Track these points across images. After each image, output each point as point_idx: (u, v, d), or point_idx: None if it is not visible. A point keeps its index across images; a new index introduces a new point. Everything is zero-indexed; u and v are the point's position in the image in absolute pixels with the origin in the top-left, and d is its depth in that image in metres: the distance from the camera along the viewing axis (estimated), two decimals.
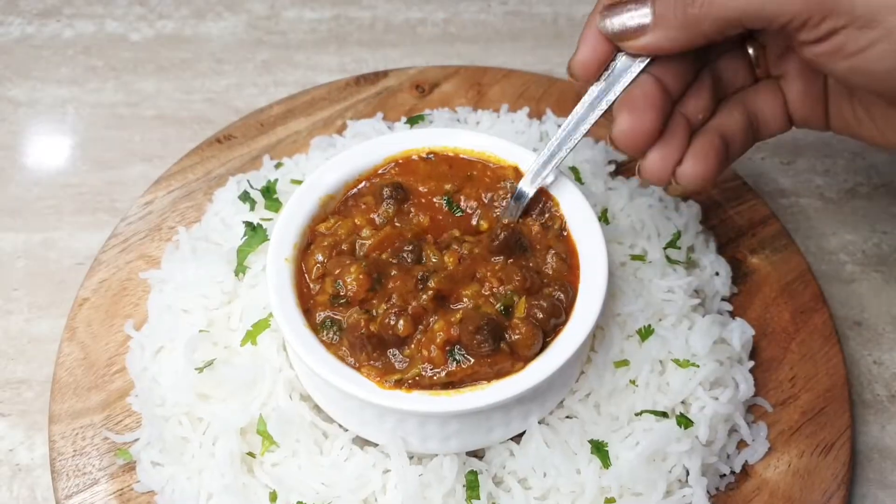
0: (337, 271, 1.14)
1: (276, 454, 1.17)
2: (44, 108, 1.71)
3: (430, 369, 1.08)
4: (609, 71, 1.10)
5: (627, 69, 1.09)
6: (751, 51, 1.15)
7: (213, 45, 1.81)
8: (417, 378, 1.08)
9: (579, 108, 1.14)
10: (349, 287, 1.12)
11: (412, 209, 1.23)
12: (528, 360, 1.09)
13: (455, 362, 1.08)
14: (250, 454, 1.17)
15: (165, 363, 1.26)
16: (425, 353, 1.08)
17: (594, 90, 1.11)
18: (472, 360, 1.08)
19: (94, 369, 1.31)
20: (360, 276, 1.12)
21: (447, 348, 1.08)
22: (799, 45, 1.00)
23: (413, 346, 1.09)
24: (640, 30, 1.04)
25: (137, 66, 1.77)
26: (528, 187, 1.20)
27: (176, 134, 1.66)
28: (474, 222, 1.23)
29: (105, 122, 1.69)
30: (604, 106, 1.11)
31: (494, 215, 1.22)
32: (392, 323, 1.08)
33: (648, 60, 1.08)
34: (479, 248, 1.17)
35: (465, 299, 1.12)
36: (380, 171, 1.26)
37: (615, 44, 1.07)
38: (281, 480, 1.14)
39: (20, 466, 1.29)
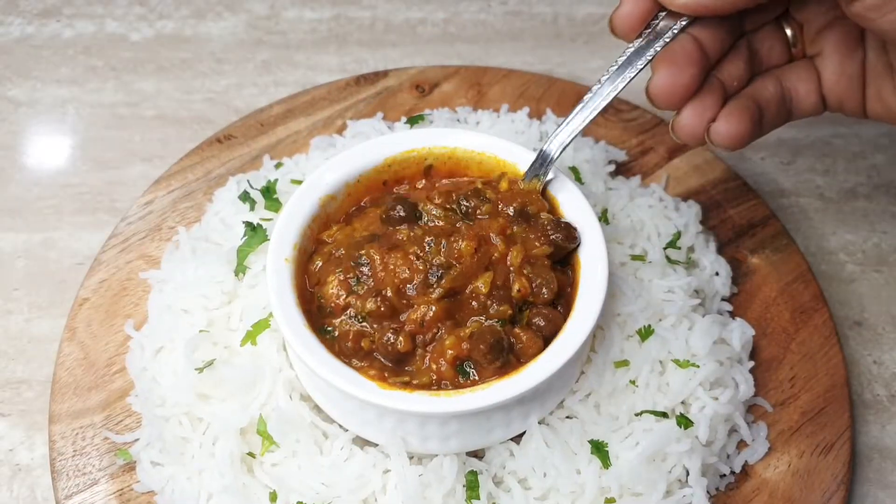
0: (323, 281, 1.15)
1: (276, 454, 1.17)
2: (44, 108, 1.71)
3: (439, 381, 1.10)
4: (649, 29, 1.08)
5: (668, 28, 1.07)
6: (788, 31, 1.13)
7: (213, 45, 1.81)
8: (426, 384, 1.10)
9: (614, 66, 1.11)
10: (330, 298, 1.13)
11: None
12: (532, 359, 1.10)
13: (465, 377, 1.09)
14: (250, 454, 1.17)
15: (165, 363, 1.26)
16: (434, 367, 1.10)
17: (633, 45, 1.09)
18: (479, 376, 1.09)
19: (94, 369, 1.31)
20: (337, 284, 1.13)
21: (456, 364, 1.10)
22: (846, 2, 0.98)
23: (419, 359, 1.10)
24: None
25: (137, 66, 1.77)
26: (554, 148, 1.18)
27: (176, 134, 1.66)
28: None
29: (105, 122, 1.69)
30: (641, 63, 1.09)
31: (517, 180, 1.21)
32: (391, 341, 1.09)
33: (689, 21, 1.06)
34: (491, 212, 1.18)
35: (475, 301, 1.12)
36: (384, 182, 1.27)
37: (658, 1, 1.06)
38: (281, 480, 1.14)
39: (20, 466, 1.29)
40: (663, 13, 1.07)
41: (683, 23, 1.07)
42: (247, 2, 1.88)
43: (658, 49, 1.08)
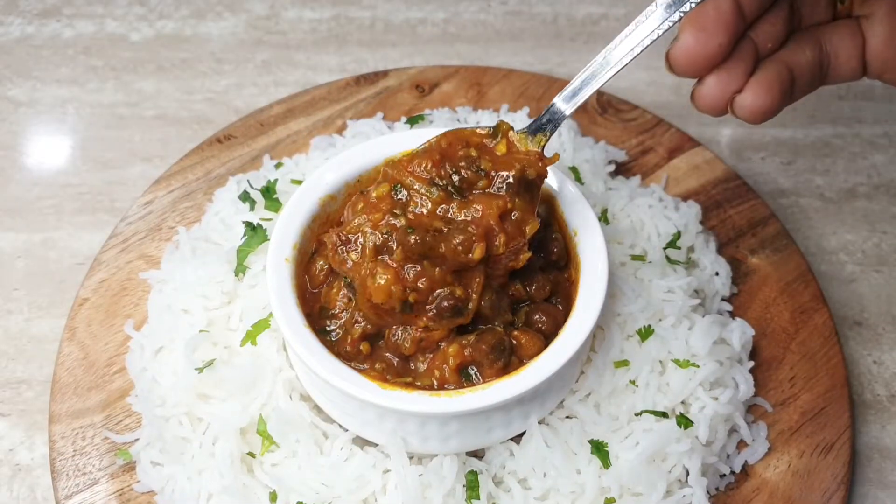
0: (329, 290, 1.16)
1: (276, 454, 1.17)
2: (44, 108, 1.71)
3: (440, 385, 1.10)
4: None
5: None
6: None
7: (213, 45, 1.81)
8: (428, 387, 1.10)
9: (643, 17, 1.01)
10: (334, 300, 1.14)
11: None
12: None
13: (468, 379, 1.10)
14: (250, 454, 1.17)
15: (165, 363, 1.26)
16: (437, 373, 1.10)
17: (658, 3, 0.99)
18: (483, 378, 1.10)
19: (94, 369, 1.31)
20: (341, 294, 1.14)
21: (460, 370, 1.10)
22: None
23: (420, 363, 1.10)
24: None
25: (137, 66, 1.77)
26: (563, 104, 1.09)
27: (176, 134, 1.66)
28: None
29: (105, 122, 1.69)
30: (674, 18, 0.99)
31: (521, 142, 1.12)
32: (398, 339, 1.10)
33: None
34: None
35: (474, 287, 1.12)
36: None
37: None
38: (281, 481, 1.14)
39: (20, 466, 1.29)
40: None
41: None
42: (247, 2, 1.88)
43: (693, 4, 0.97)
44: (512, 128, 1.13)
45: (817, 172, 1.62)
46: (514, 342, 1.11)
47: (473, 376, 1.10)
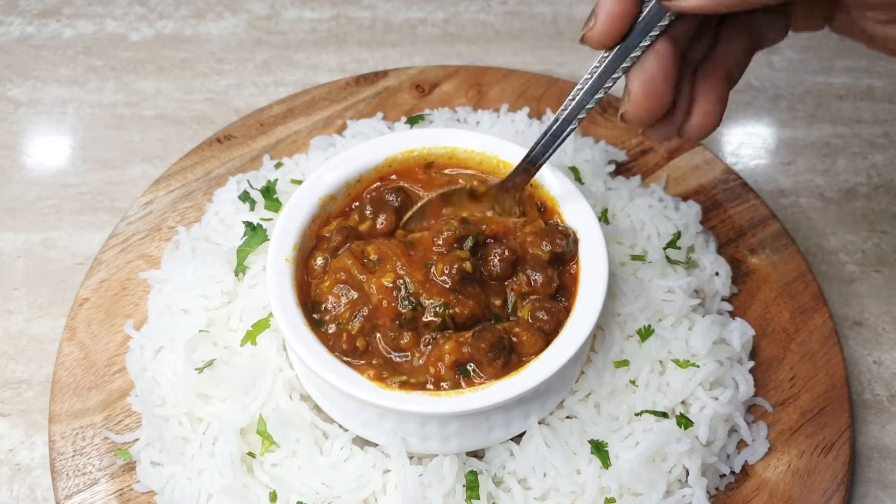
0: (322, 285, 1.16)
1: (276, 454, 1.17)
2: (44, 108, 1.71)
3: (436, 384, 1.09)
4: (628, 36, 1.00)
5: (647, 34, 0.99)
6: None
7: (213, 45, 1.81)
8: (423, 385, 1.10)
9: (593, 72, 1.06)
10: (326, 293, 1.14)
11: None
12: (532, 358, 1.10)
13: (466, 376, 1.09)
14: (250, 454, 1.17)
15: (165, 363, 1.26)
16: (432, 370, 1.10)
17: (608, 55, 1.03)
18: (484, 377, 1.09)
19: (94, 369, 1.31)
20: (330, 287, 1.14)
21: (456, 367, 1.10)
22: None
23: (416, 359, 1.10)
24: None
25: (137, 66, 1.77)
26: (539, 154, 1.15)
27: (176, 134, 1.66)
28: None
29: (105, 122, 1.69)
30: (617, 75, 1.04)
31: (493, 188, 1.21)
32: (393, 336, 1.10)
33: (669, 24, 0.99)
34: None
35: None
36: (377, 183, 1.27)
37: (664, 6, 0.98)
38: (281, 481, 1.14)
39: (20, 466, 1.29)
40: (641, 16, 0.99)
41: (663, 26, 0.99)
42: (247, 2, 1.88)
43: (633, 59, 1.01)
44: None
45: (817, 172, 1.62)
46: (515, 339, 1.11)
47: (472, 374, 1.10)
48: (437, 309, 1.10)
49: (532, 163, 1.16)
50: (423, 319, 1.10)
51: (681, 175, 1.51)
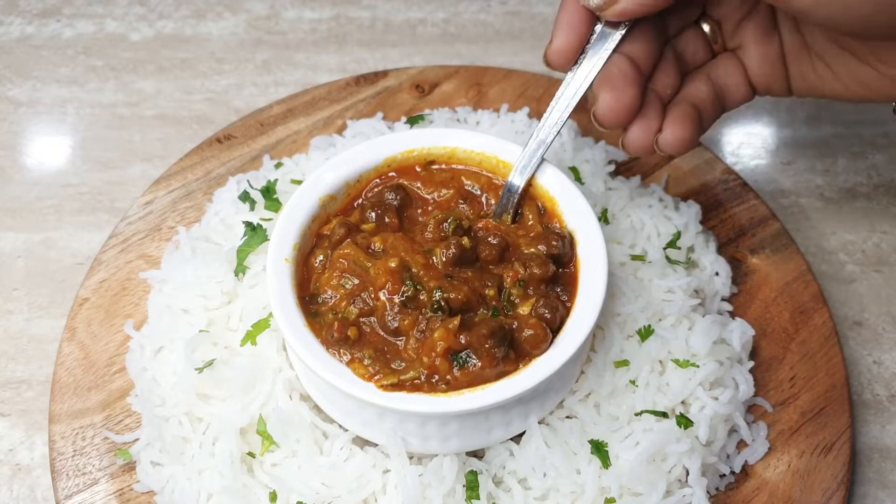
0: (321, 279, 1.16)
1: (276, 454, 1.17)
2: (44, 108, 1.71)
3: (429, 376, 1.08)
4: (584, 54, 1.15)
5: (602, 47, 1.14)
6: (706, 28, 1.20)
7: (213, 45, 1.81)
8: (416, 382, 1.08)
9: (561, 92, 1.18)
10: (326, 284, 1.15)
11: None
12: (533, 357, 1.09)
13: (460, 368, 1.08)
14: (250, 454, 1.17)
15: (165, 363, 1.26)
16: (426, 359, 1.08)
17: (573, 73, 1.16)
18: (480, 364, 1.08)
19: (94, 369, 1.31)
20: (329, 278, 1.14)
21: (450, 355, 1.08)
22: None
23: (410, 348, 1.10)
24: None
25: (137, 66, 1.77)
26: (518, 178, 1.21)
27: (176, 134, 1.66)
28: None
29: (105, 122, 1.69)
30: (585, 85, 1.16)
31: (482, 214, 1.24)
32: (389, 322, 1.09)
33: (621, 36, 1.13)
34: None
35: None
36: (378, 181, 1.27)
37: (595, 14, 1.12)
38: (281, 481, 1.14)
39: (20, 466, 1.29)
40: (594, 34, 1.14)
41: (617, 38, 1.13)
42: (247, 2, 1.88)
43: (597, 71, 1.14)
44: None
45: (817, 172, 1.62)
46: (521, 325, 1.11)
47: (470, 363, 1.08)
48: (437, 294, 1.11)
49: (510, 189, 1.22)
50: (422, 298, 1.11)
51: (681, 175, 1.51)
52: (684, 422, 1.18)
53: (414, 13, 1.87)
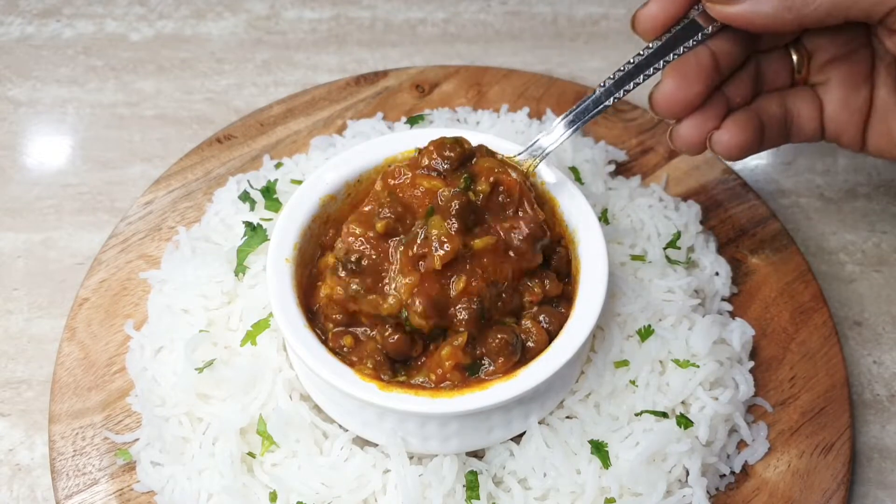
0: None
1: (276, 454, 1.17)
2: (44, 108, 1.71)
3: (438, 382, 1.10)
4: (670, 33, 1.09)
5: (689, 36, 1.08)
6: (795, 56, 1.15)
7: (213, 45, 1.81)
8: (423, 384, 1.10)
9: (629, 64, 1.12)
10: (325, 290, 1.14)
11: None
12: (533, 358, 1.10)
13: (474, 373, 1.09)
14: (250, 454, 1.17)
15: (165, 363, 1.26)
16: (440, 371, 1.10)
17: (651, 47, 1.10)
18: (495, 368, 1.09)
19: (94, 369, 1.31)
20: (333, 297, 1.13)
21: (464, 366, 1.09)
22: (888, 34, 1.02)
23: (419, 365, 1.11)
24: None
25: (137, 66, 1.77)
26: (563, 127, 1.18)
27: (176, 134, 1.66)
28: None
29: (105, 122, 1.69)
30: (660, 65, 1.10)
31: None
32: (396, 341, 1.10)
33: (713, 32, 1.07)
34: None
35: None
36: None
37: (706, 9, 1.06)
38: (281, 481, 1.14)
39: (20, 466, 1.29)
40: (687, 20, 1.08)
41: (707, 32, 1.08)
42: (247, 2, 1.88)
43: (677, 54, 1.08)
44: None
45: (817, 172, 1.62)
46: (525, 336, 1.11)
47: (484, 368, 1.10)
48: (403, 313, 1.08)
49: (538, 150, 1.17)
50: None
51: (681, 175, 1.51)
52: (684, 422, 1.18)
53: (414, 13, 1.87)
